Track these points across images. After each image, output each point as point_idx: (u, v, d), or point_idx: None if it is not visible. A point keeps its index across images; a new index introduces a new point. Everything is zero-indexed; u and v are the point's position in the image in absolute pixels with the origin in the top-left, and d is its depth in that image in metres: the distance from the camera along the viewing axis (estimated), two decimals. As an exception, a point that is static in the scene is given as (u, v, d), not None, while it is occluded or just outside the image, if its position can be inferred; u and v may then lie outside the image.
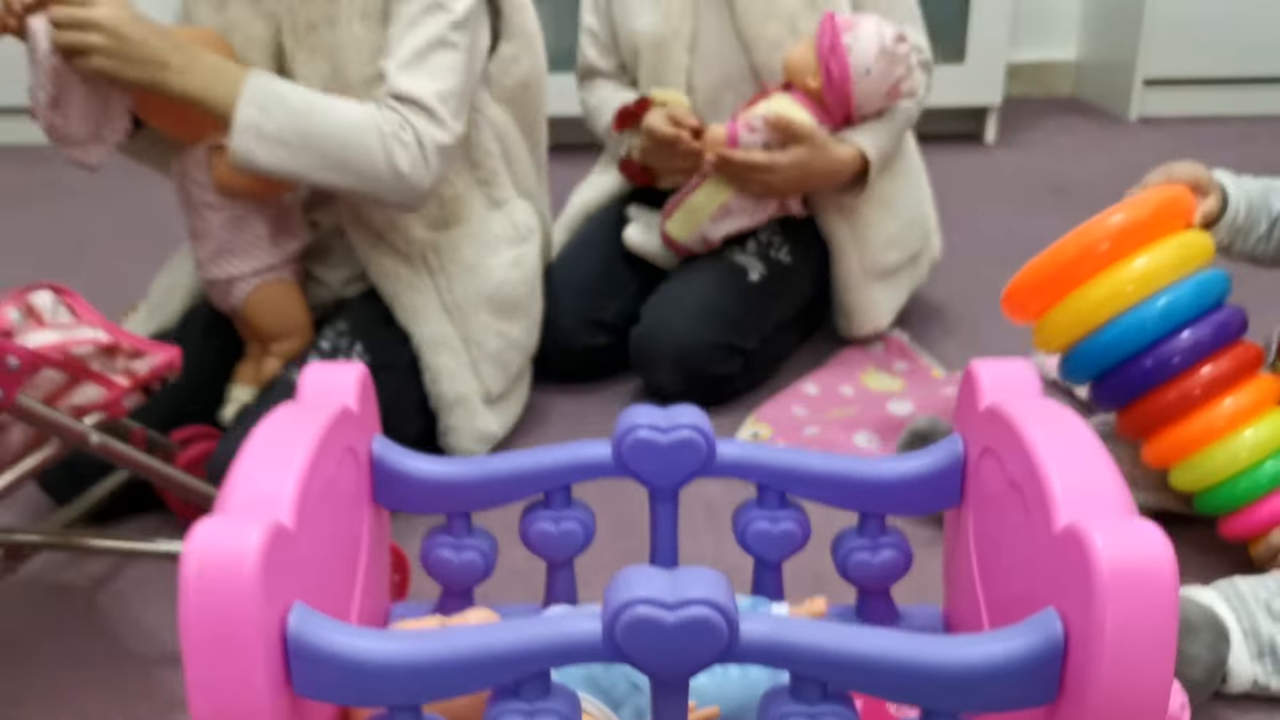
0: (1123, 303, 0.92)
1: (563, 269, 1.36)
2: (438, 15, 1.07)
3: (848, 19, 1.26)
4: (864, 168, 1.31)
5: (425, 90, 1.05)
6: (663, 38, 1.37)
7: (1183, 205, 0.96)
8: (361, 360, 1.12)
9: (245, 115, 1.00)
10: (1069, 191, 2.15)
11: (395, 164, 1.04)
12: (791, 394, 1.30)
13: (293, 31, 1.12)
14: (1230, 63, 2.57)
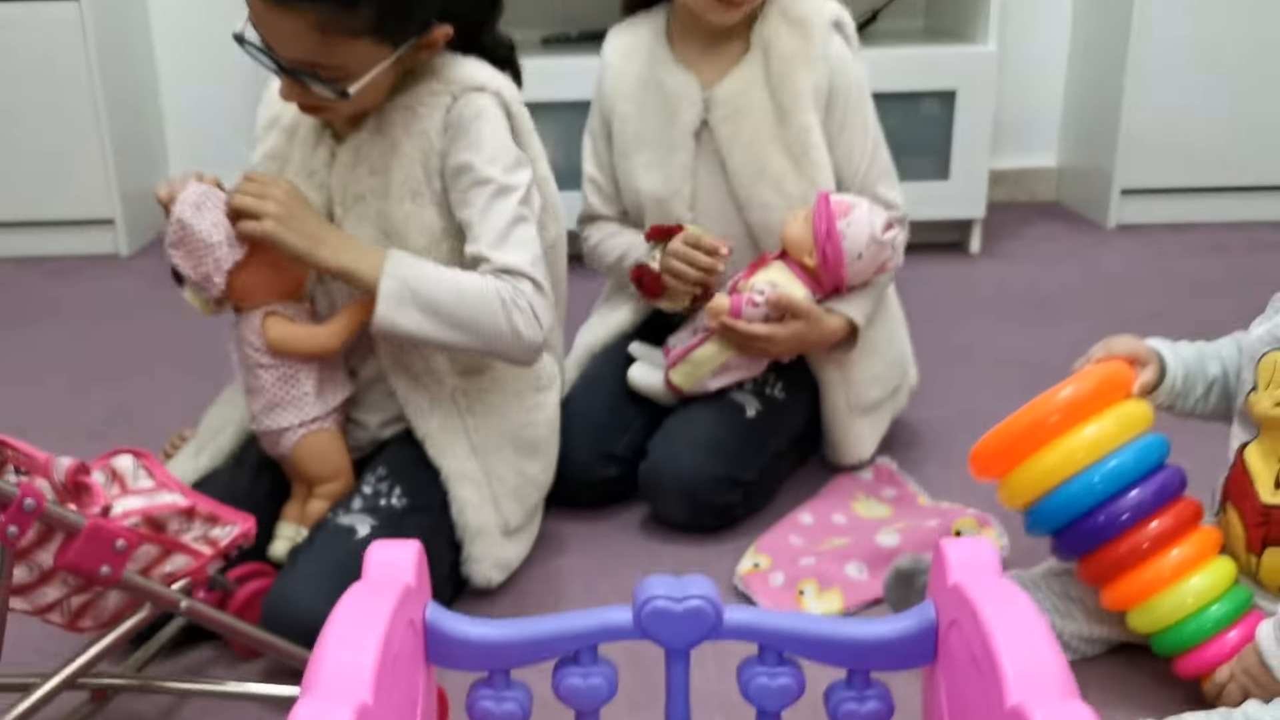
0: (1074, 467, 1.05)
1: (575, 405, 1.48)
2: (508, 197, 1.22)
3: (842, 203, 1.40)
4: (852, 331, 1.44)
5: (521, 261, 1.21)
6: (665, 197, 1.51)
7: (1122, 378, 1.09)
8: (400, 502, 1.25)
9: (388, 287, 1.17)
10: (1048, 305, 2.28)
11: (516, 326, 1.20)
12: (789, 524, 1.42)
13: (342, 202, 1.27)
14: (1202, 173, 2.72)
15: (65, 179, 2.64)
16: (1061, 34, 2.91)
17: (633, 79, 1.53)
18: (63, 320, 2.32)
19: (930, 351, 2.01)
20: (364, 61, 1.17)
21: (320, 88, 1.17)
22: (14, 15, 2.52)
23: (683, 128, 1.49)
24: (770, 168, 1.47)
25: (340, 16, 1.12)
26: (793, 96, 1.46)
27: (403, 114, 1.24)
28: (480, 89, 1.24)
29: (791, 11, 1.48)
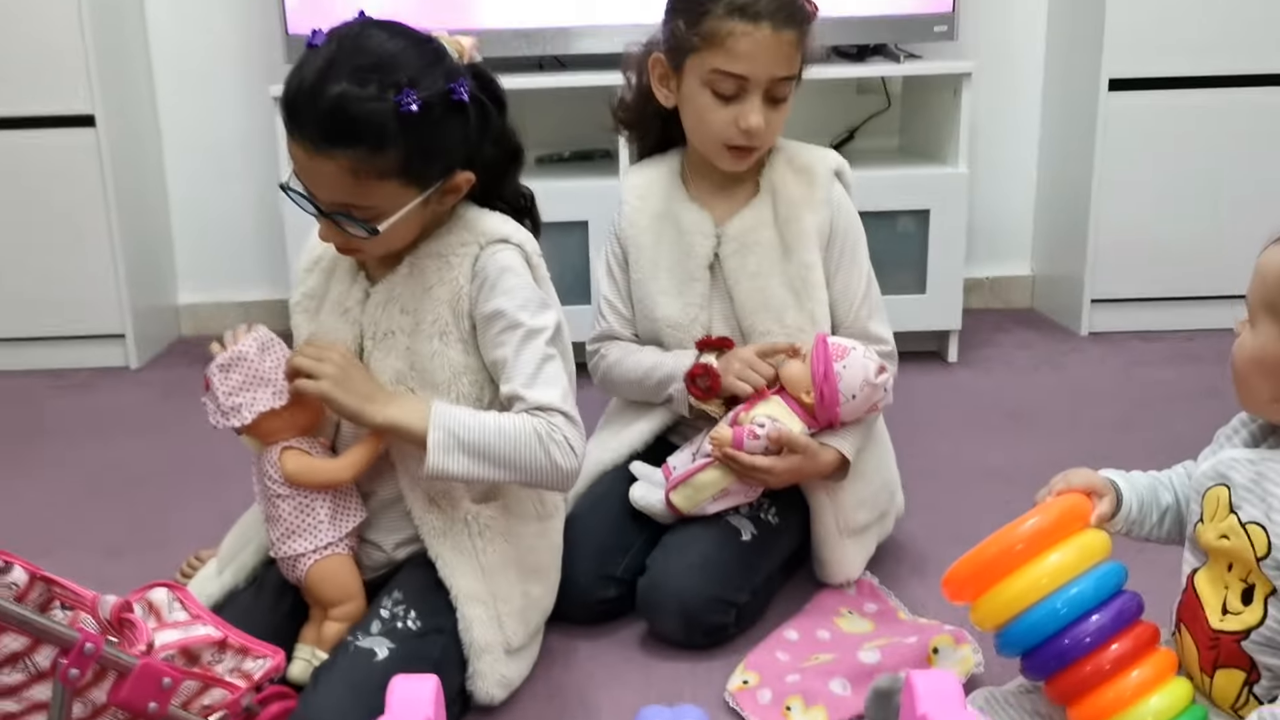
0: (1039, 594, 1.13)
1: (579, 525, 1.57)
2: (537, 338, 1.34)
3: (840, 346, 1.51)
4: (843, 464, 1.56)
5: (553, 397, 1.32)
6: (682, 323, 1.62)
7: (1080, 510, 1.19)
8: (416, 625, 1.33)
9: (436, 438, 1.28)
10: (1023, 415, 2.38)
11: (554, 458, 1.31)
12: (775, 640, 1.50)
13: (373, 336, 1.38)
14: (1170, 283, 2.85)
15: (78, 295, 2.75)
16: (1029, 151, 3.07)
17: (650, 214, 1.65)
18: (77, 433, 2.41)
19: (910, 463, 2.10)
20: (393, 202, 1.29)
21: (354, 227, 1.29)
22: (34, 139, 2.65)
23: (698, 260, 1.62)
24: (773, 300, 1.59)
25: (370, 160, 1.24)
26: (797, 235, 1.59)
27: (435, 261, 1.36)
28: (504, 241, 1.36)
29: (797, 160, 1.63)
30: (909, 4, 2.63)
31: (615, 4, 2.60)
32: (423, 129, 1.25)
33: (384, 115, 1.23)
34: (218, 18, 2.91)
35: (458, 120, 1.30)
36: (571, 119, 2.84)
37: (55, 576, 1.05)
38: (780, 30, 1.50)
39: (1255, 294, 1.11)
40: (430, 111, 1.25)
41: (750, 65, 1.51)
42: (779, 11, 1.49)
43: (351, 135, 1.23)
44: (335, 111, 1.22)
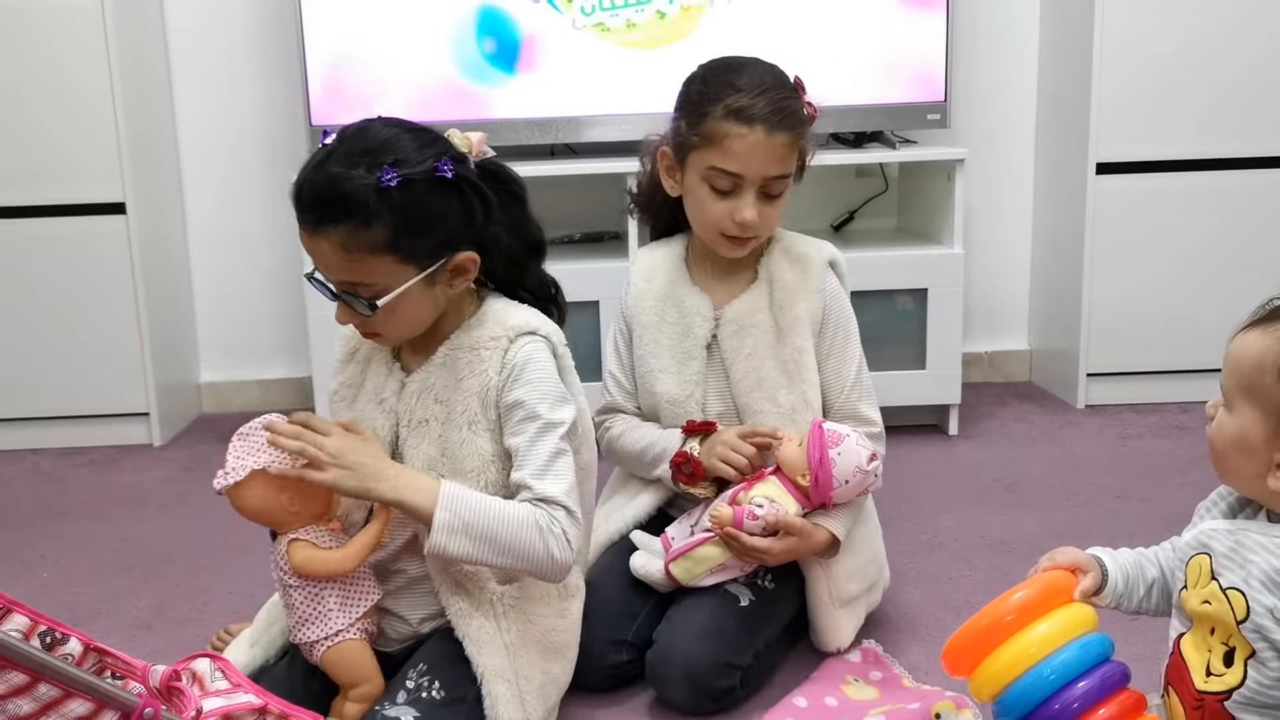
0: (1028, 661, 1.21)
1: (591, 594, 1.62)
2: (553, 432, 1.40)
3: (835, 433, 1.59)
4: (834, 543, 1.64)
5: (558, 491, 1.38)
6: (679, 399, 1.71)
7: (1064, 584, 1.27)
8: (440, 695, 1.39)
9: (441, 518, 1.33)
10: (1021, 487, 2.45)
11: (551, 551, 1.36)
12: (785, 707, 1.56)
13: (408, 424, 1.46)
14: (1162, 357, 2.94)
15: (105, 374, 2.84)
16: (1023, 231, 3.18)
17: (654, 295, 1.75)
18: (104, 510, 2.48)
19: (912, 534, 2.18)
20: (391, 279, 1.37)
21: (358, 305, 1.38)
22: (67, 226, 2.76)
23: (696, 340, 1.71)
24: (766, 380, 1.68)
25: (359, 234, 1.33)
26: (791, 321, 1.68)
27: (467, 355, 1.44)
28: (533, 334, 1.44)
29: (794, 250, 1.73)
30: (903, 93, 2.75)
31: (623, 95, 2.72)
32: (407, 204, 1.34)
33: (366, 191, 1.32)
34: (244, 109, 3.04)
35: (448, 198, 1.38)
36: (582, 203, 2.96)
37: (107, 647, 1.12)
38: (774, 134, 1.60)
39: (1230, 380, 1.18)
40: (412, 187, 1.34)
41: (744, 165, 1.60)
42: (773, 116, 1.59)
43: (338, 212, 1.32)
44: (325, 191, 1.33)
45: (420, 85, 2.71)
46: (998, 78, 3.08)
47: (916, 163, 2.86)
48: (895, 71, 2.75)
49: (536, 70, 2.73)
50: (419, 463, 1.44)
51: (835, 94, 2.60)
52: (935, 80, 2.75)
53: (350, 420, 1.48)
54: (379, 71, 2.71)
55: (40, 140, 2.72)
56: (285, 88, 2.97)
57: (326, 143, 1.37)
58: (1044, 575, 1.28)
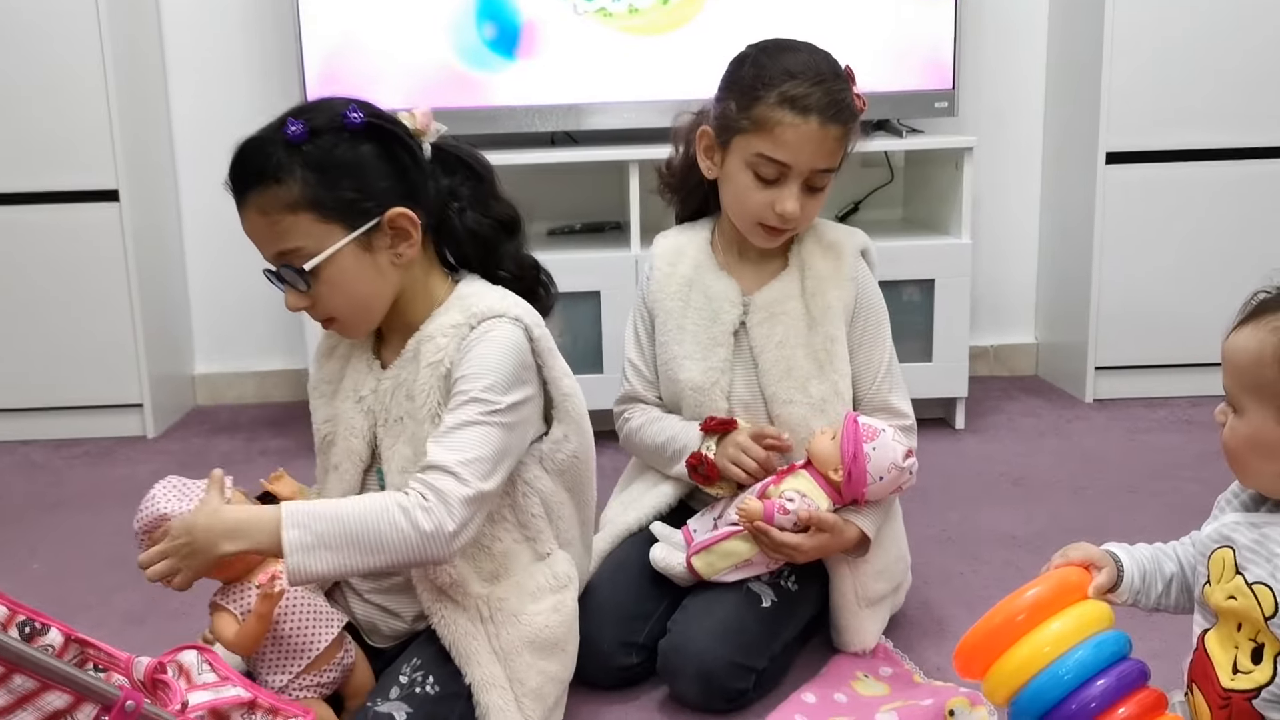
0: (1043, 661, 1.16)
1: (601, 592, 1.59)
2: (475, 405, 1.31)
3: (870, 427, 1.54)
4: (863, 541, 1.59)
5: (449, 459, 1.27)
6: (704, 387, 1.65)
7: (1077, 581, 1.23)
8: (434, 690, 1.35)
9: (290, 538, 1.22)
10: (1030, 481, 2.41)
11: (420, 526, 1.24)
12: (794, 703, 1.52)
13: (384, 424, 1.40)
14: (1172, 350, 2.89)
15: (98, 365, 2.80)
16: (1031, 222, 3.14)
17: (679, 280, 1.69)
18: (96, 502, 2.44)
19: (921, 530, 2.14)
20: (316, 240, 1.31)
21: (293, 277, 1.32)
22: (59, 213, 2.71)
23: (724, 326, 1.66)
24: (796, 369, 1.62)
25: (274, 195, 1.29)
26: (823, 309, 1.63)
27: (427, 344, 1.37)
28: (499, 315, 1.36)
29: (826, 237, 1.68)
30: (910, 81, 2.71)
31: (625, 82, 2.67)
32: (318, 155, 1.29)
33: (272, 145, 1.29)
34: (240, 96, 2.99)
35: (364, 148, 1.32)
36: (583, 192, 2.92)
37: (89, 638, 1.07)
38: (828, 125, 1.54)
39: (1232, 381, 1.15)
40: (321, 137, 1.30)
41: (794, 155, 1.55)
42: (829, 108, 1.54)
43: (250, 175, 1.30)
44: (236, 159, 1.32)
45: (419, 72, 2.66)
46: (1006, 65, 3.03)
47: (923, 152, 2.81)
48: (902, 59, 2.70)
49: (537, 56, 2.68)
50: (396, 463, 1.38)
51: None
52: (943, 68, 2.70)
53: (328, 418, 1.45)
54: (377, 57, 2.67)
55: (31, 126, 2.67)
56: (281, 75, 2.92)
57: None
58: (1057, 572, 1.24)
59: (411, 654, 1.40)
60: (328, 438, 1.47)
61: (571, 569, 1.49)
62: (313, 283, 1.32)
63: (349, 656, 1.39)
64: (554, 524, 1.47)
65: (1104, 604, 1.22)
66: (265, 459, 2.66)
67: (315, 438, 1.49)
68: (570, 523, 1.51)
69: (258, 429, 2.92)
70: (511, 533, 1.42)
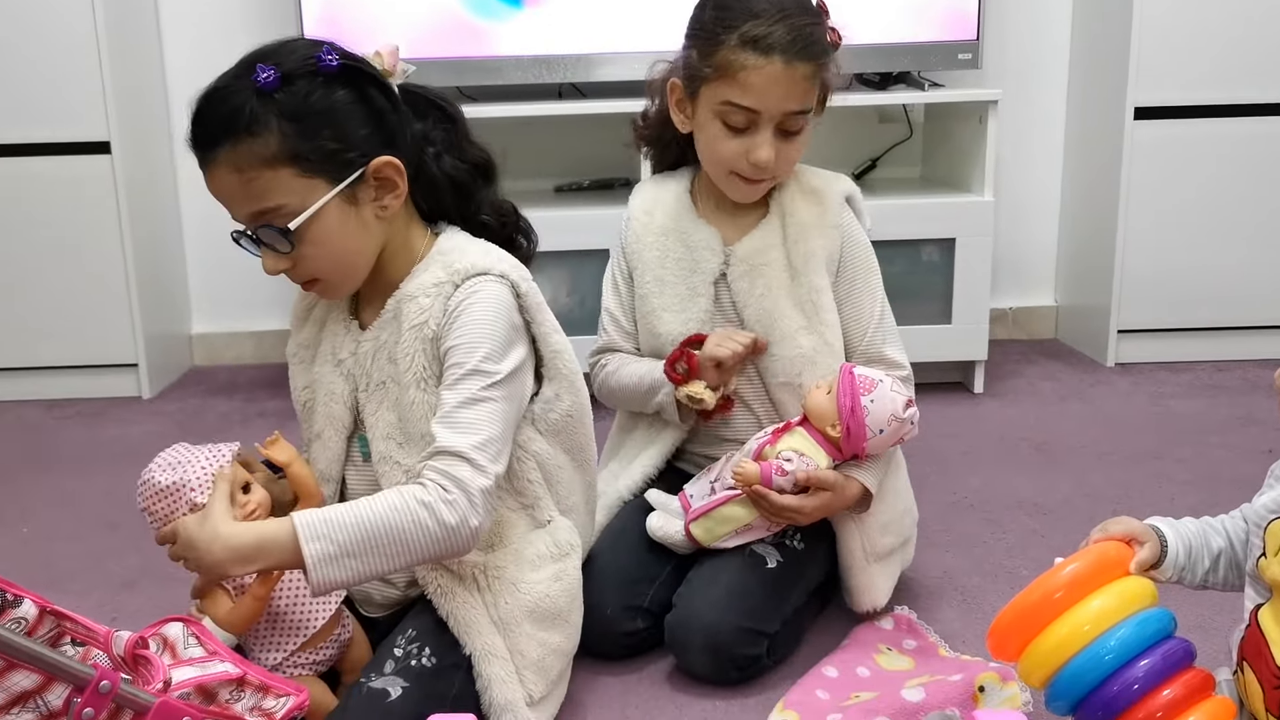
0: (1083, 640, 1.09)
1: (603, 559, 1.52)
2: (476, 379, 1.23)
3: (867, 379, 1.46)
4: (866, 496, 1.52)
5: (462, 443, 1.20)
6: (683, 338, 1.57)
7: (1118, 556, 1.15)
8: (430, 662, 1.27)
9: (312, 551, 1.14)
10: (1051, 446, 2.33)
11: (444, 521, 1.17)
12: (814, 677, 1.45)
13: (365, 388, 1.32)
14: (1197, 313, 2.81)
15: (92, 324, 2.72)
16: (1053, 180, 3.04)
17: (657, 230, 1.62)
18: (89, 463, 2.37)
19: (941, 495, 2.06)
20: (299, 196, 1.21)
21: (274, 239, 1.22)
22: (50, 166, 2.63)
23: (704, 276, 1.58)
24: (783, 321, 1.55)
25: (249, 149, 1.18)
26: (805, 258, 1.55)
27: (409, 304, 1.28)
28: (484, 274, 1.28)
29: (808, 184, 1.59)
30: (933, 31, 2.60)
31: (634, 31, 2.58)
32: (294, 104, 1.19)
33: (243, 96, 1.19)
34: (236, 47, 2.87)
35: (342, 94, 1.23)
36: (591, 147, 2.82)
37: (66, 611, 1.00)
38: (793, 64, 1.45)
39: None
40: (296, 84, 1.20)
41: (761, 99, 1.46)
42: (793, 45, 1.45)
43: (220, 128, 1.18)
44: (202, 110, 1.20)
45: (422, 19, 2.57)
46: (1032, 16, 2.93)
47: (944, 105, 2.72)
48: (924, 9, 2.60)
49: (544, 5, 2.58)
50: (380, 430, 1.30)
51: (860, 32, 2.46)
52: (967, 18, 2.60)
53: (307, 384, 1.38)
54: (378, 5, 2.57)
55: (20, 75, 2.58)
56: (279, 24, 2.81)
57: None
58: (1096, 547, 1.17)
59: (406, 625, 1.32)
60: (308, 405, 1.39)
61: (574, 536, 1.41)
62: (296, 243, 1.23)
63: (346, 632, 1.33)
64: (553, 489, 1.40)
65: (1147, 580, 1.15)
66: (264, 420, 2.59)
67: (295, 406, 1.42)
68: (571, 487, 1.43)
69: (256, 390, 2.84)
70: (507, 500, 1.35)
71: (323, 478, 1.36)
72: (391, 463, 1.30)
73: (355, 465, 1.36)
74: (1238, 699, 1.14)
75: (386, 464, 1.31)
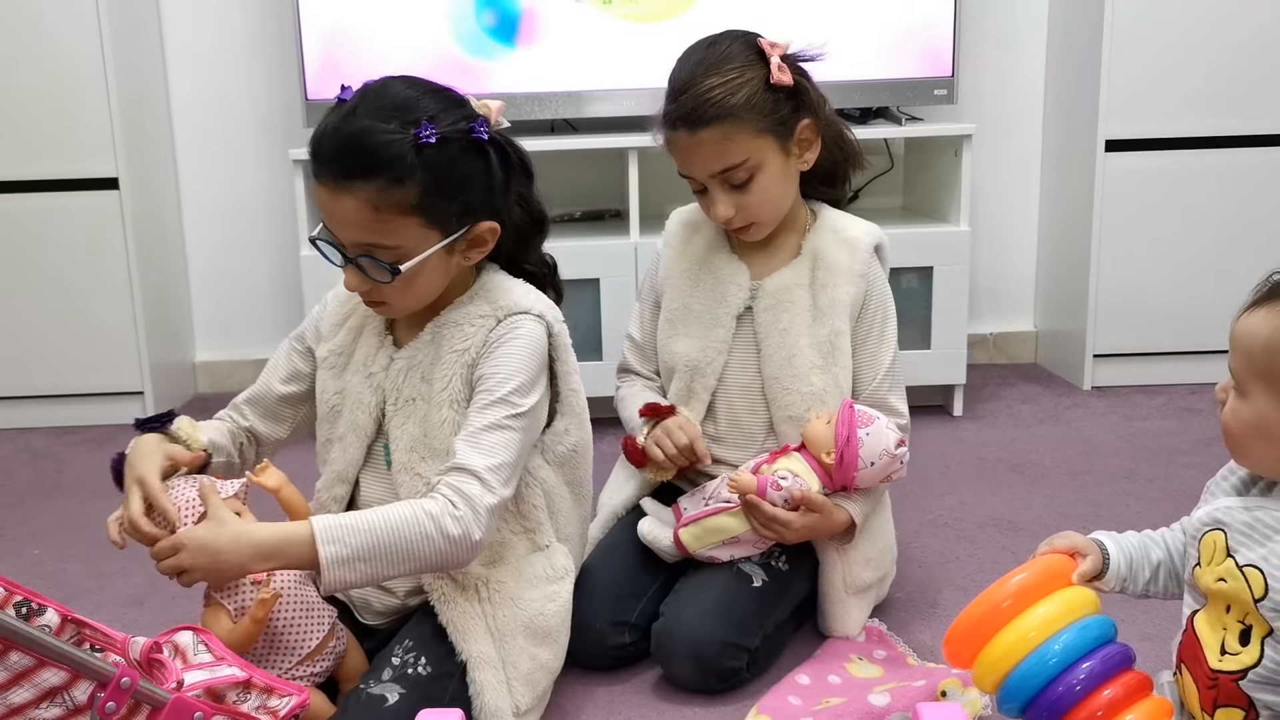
0: (1029, 646, 1.17)
1: (594, 573, 1.60)
2: (502, 407, 1.35)
3: (865, 414, 1.56)
4: (850, 527, 1.60)
5: (478, 463, 1.31)
6: (699, 364, 1.66)
7: (1061, 568, 1.23)
8: (425, 670, 1.36)
9: (327, 553, 1.24)
10: (1027, 467, 2.41)
11: (449, 533, 1.27)
12: (788, 684, 1.53)
13: (395, 402, 1.41)
14: (1171, 338, 2.89)
15: (99, 352, 2.81)
16: (1030, 210, 3.13)
17: (689, 259, 1.71)
18: (97, 488, 2.42)
19: (917, 514, 2.14)
20: (415, 243, 1.32)
21: (376, 269, 1.32)
22: (59, 201, 2.72)
23: (729, 309, 1.67)
24: (799, 359, 1.62)
25: (390, 193, 1.28)
26: (830, 302, 1.63)
27: (452, 330, 1.39)
28: (525, 313, 1.40)
29: (841, 230, 1.67)
30: (910, 68, 2.71)
31: (624, 70, 2.68)
32: (441, 164, 1.29)
33: (403, 146, 1.27)
34: (239, 83, 3.00)
35: (478, 162, 1.34)
36: (583, 180, 2.92)
37: (86, 619, 1.08)
38: (696, 131, 1.54)
39: (1240, 364, 1.13)
40: (448, 146, 1.29)
41: (687, 166, 1.58)
42: (690, 115, 1.53)
43: (371, 167, 1.27)
44: (356, 144, 1.27)
45: (418, 59, 2.66)
46: (1006, 53, 3.03)
47: (923, 139, 2.81)
48: (902, 46, 2.70)
49: (537, 44, 2.69)
50: (404, 441, 1.40)
51: (841, 69, 2.56)
52: (942, 55, 2.70)
53: (336, 392, 1.45)
54: (376, 44, 2.67)
55: (31, 113, 2.68)
56: (280, 61, 2.92)
57: (345, 98, 1.33)
58: (1041, 559, 1.25)
59: (403, 635, 1.41)
60: (335, 409, 1.47)
61: (569, 562, 1.50)
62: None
63: (341, 645, 1.40)
64: (554, 517, 1.49)
65: (1089, 590, 1.23)
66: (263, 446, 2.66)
67: (320, 407, 1.50)
68: (569, 518, 1.52)
69: (258, 416, 2.92)
70: (511, 523, 1.44)
71: (339, 479, 1.46)
72: (412, 474, 1.40)
73: (374, 470, 1.45)
74: (1177, 700, 1.23)
75: (406, 474, 1.40)
